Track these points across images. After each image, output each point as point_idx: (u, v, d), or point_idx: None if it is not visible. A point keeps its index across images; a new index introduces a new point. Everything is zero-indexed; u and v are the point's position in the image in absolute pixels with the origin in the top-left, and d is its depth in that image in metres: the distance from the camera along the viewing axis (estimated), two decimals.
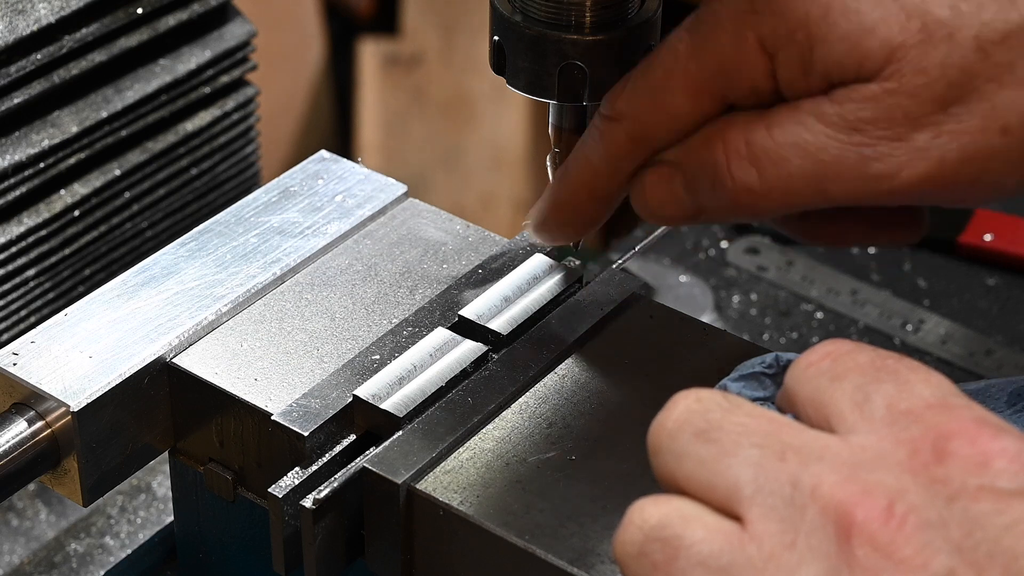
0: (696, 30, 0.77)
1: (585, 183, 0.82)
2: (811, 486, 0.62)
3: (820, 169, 0.75)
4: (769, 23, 0.75)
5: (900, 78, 0.73)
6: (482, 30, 1.53)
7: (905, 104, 0.73)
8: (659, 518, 0.64)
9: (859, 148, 0.74)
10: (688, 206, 0.79)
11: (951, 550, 0.60)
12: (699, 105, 0.77)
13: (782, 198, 0.76)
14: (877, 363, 0.66)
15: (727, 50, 0.76)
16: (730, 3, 0.76)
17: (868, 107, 0.74)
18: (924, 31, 0.73)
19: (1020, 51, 0.72)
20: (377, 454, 0.80)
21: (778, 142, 0.75)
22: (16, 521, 1.09)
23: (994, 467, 0.61)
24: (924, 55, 0.73)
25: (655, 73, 0.78)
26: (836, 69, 0.74)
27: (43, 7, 1.03)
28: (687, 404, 0.66)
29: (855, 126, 0.74)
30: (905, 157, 0.74)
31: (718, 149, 0.77)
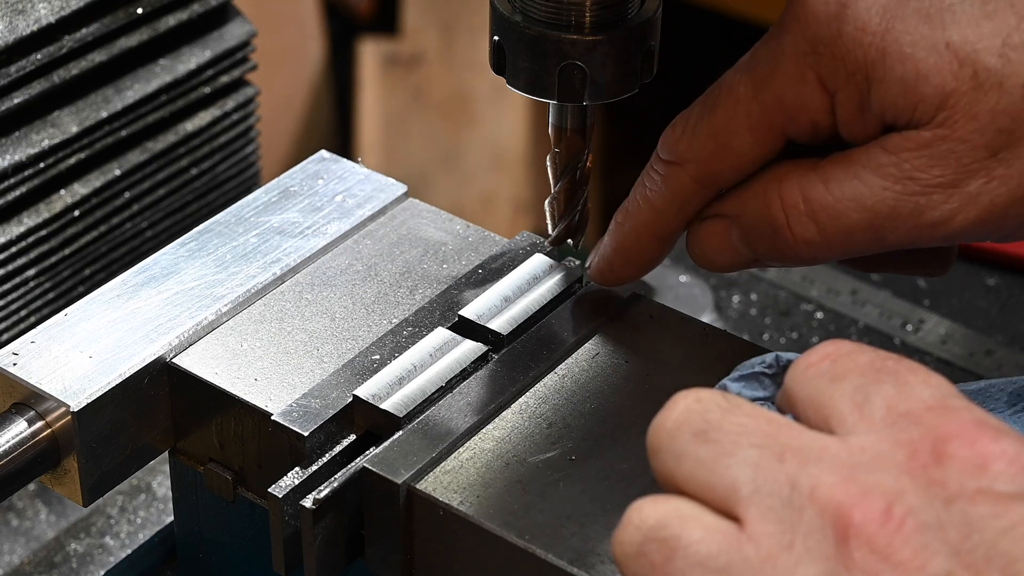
0: (755, 70, 0.79)
1: (649, 225, 0.84)
2: (809, 487, 0.62)
3: (877, 220, 0.77)
4: (829, 64, 0.77)
5: (952, 124, 0.75)
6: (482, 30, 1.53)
7: (957, 150, 0.76)
8: (657, 518, 0.64)
9: (915, 198, 0.76)
10: (746, 256, 0.82)
11: (949, 552, 0.60)
12: (762, 144, 0.80)
13: (841, 248, 0.79)
14: (877, 364, 0.66)
15: (790, 89, 0.78)
16: (790, 44, 0.78)
17: (922, 155, 0.76)
18: (975, 79, 0.75)
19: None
20: (377, 454, 0.80)
21: (836, 196, 0.78)
22: (16, 521, 1.09)
23: (993, 470, 0.61)
24: (975, 102, 0.75)
25: (716, 115, 0.80)
26: (891, 111, 0.76)
27: (43, 7, 1.03)
28: (687, 404, 0.66)
29: (910, 175, 0.76)
30: (958, 204, 0.76)
31: (775, 205, 0.79)
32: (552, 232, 0.92)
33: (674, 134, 0.82)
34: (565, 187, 0.90)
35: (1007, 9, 0.75)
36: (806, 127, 0.79)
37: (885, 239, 0.78)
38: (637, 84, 0.86)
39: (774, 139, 0.80)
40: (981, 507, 0.60)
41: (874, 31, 0.76)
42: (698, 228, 0.83)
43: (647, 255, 0.86)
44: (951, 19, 0.76)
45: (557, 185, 0.90)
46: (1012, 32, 0.75)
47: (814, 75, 0.78)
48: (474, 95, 2.80)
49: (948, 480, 0.61)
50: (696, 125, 0.81)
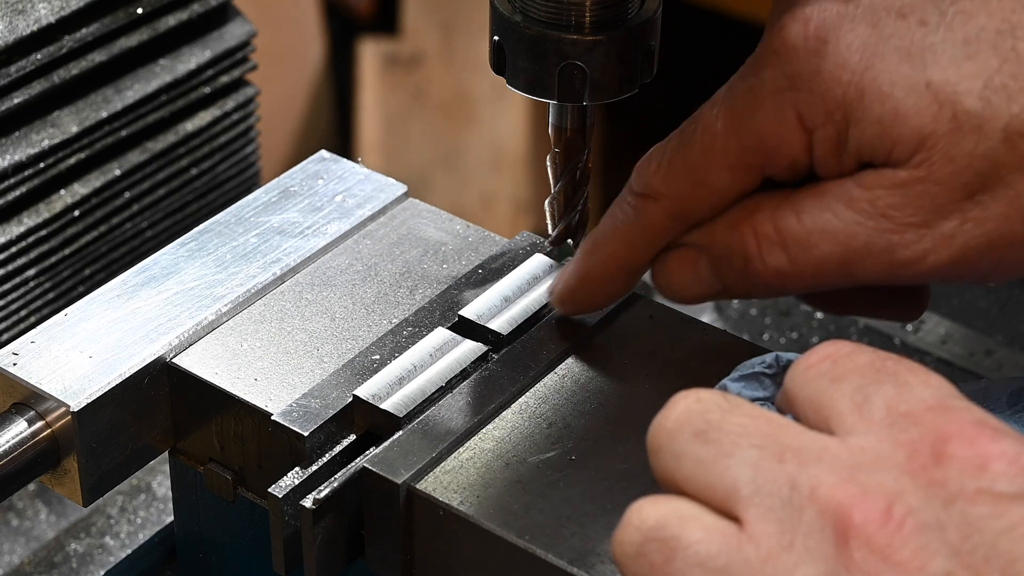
0: (733, 107, 0.78)
1: (617, 257, 0.83)
2: (809, 487, 0.62)
3: (848, 254, 0.76)
4: (808, 101, 0.76)
5: (929, 166, 0.74)
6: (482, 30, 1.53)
7: (933, 192, 0.74)
8: (657, 518, 0.64)
9: (887, 235, 0.75)
10: (714, 287, 0.81)
11: (949, 553, 0.60)
12: (739, 180, 0.78)
13: (811, 280, 0.78)
14: (877, 365, 0.66)
15: (768, 126, 0.77)
16: (769, 80, 0.77)
17: (897, 193, 0.75)
18: (954, 121, 0.74)
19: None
20: (377, 454, 0.80)
21: (808, 228, 0.77)
22: (16, 521, 1.09)
23: (992, 470, 0.61)
24: (953, 144, 0.74)
25: (693, 151, 0.79)
26: (868, 151, 0.75)
27: (43, 7, 1.03)
28: (687, 404, 0.66)
29: (883, 212, 0.75)
30: (931, 244, 0.75)
31: (747, 235, 0.78)
32: (552, 232, 0.91)
33: (649, 167, 0.80)
34: (565, 187, 0.90)
35: (989, 50, 0.74)
36: (784, 164, 0.78)
37: (856, 274, 0.77)
38: (637, 84, 0.86)
39: (752, 175, 0.78)
40: (981, 507, 0.60)
41: (854, 69, 0.75)
42: (666, 258, 0.82)
43: (613, 286, 0.84)
44: (932, 58, 0.74)
45: (557, 185, 0.90)
46: (993, 74, 0.74)
47: (793, 112, 0.76)
48: (474, 95, 2.80)
49: (948, 480, 0.61)
50: (672, 160, 0.80)
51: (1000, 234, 0.75)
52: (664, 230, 0.81)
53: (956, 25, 0.75)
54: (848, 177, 0.76)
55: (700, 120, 0.79)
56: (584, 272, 0.84)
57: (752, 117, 0.77)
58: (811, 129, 0.76)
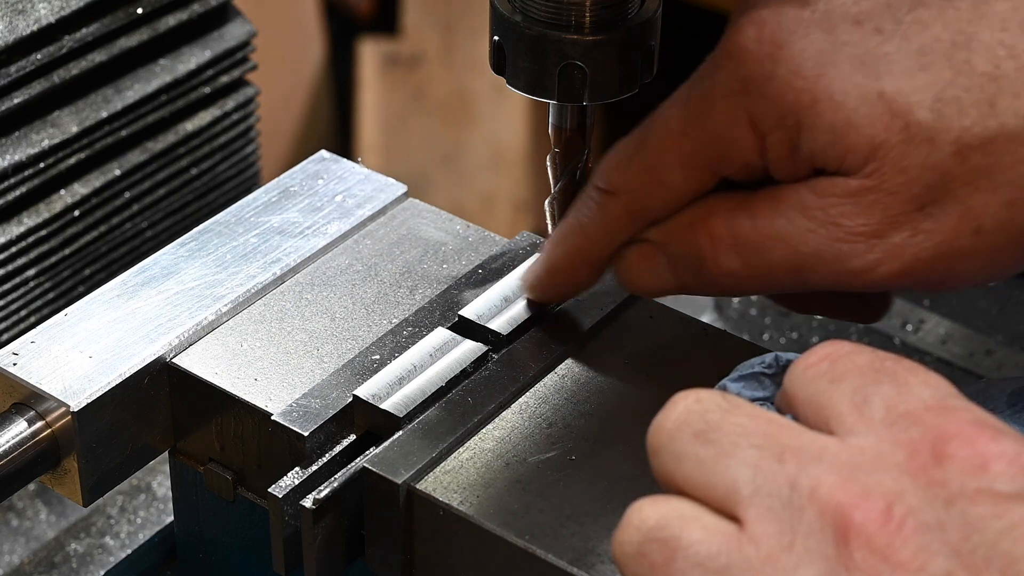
0: (688, 108, 0.78)
1: (580, 250, 0.84)
2: (809, 487, 0.62)
3: (799, 260, 0.77)
4: (760, 105, 0.76)
5: (880, 176, 0.74)
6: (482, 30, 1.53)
7: (884, 202, 0.75)
8: (657, 519, 0.64)
9: (838, 243, 0.76)
10: (670, 283, 0.81)
11: (949, 553, 0.60)
12: (694, 180, 0.79)
13: (763, 283, 0.79)
14: (876, 365, 0.66)
15: (720, 128, 0.77)
16: (722, 82, 0.77)
17: (848, 203, 0.75)
18: (906, 132, 0.74)
19: (997, 157, 0.73)
20: (377, 454, 0.80)
21: (761, 232, 0.77)
22: (16, 521, 1.09)
23: (992, 470, 0.61)
24: (905, 155, 0.74)
25: (649, 149, 0.79)
26: (820, 158, 0.75)
27: (43, 7, 1.03)
28: (686, 404, 0.66)
29: (834, 220, 0.75)
30: (881, 254, 0.75)
31: (703, 236, 0.79)
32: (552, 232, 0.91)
33: (610, 163, 0.81)
34: (565, 187, 0.89)
35: (943, 62, 0.74)
36: (738, 166, 0.78)
37: (807, 280, 0.77)
38: (637, 84, 0.86)
39: (706, 175, 0.79)
40: (981, 507, 0.60)
41: (807, 75, 0.75)
42: (626, 252, 0.82)
43: (578, 277, 0.85)
44: (886, 68, 0.74)
45: (557, 185, 0.90)
46: (947, 86, 0.74)
47: (745, 116, 0.76)
48: (474, 95, 2.80)
49: (948, 480, 0.61)
50: (630, 157, 0.80)
51: (949, 246, 0.75)
52: (623, 225, 0.82)
53: (911, 35, 0.74)
54: (802, 183, 0.76)
55: (657, 118, 0.80)
56: (550, 263, 0.86)
57: (705, 118, 0.77)
58: (763, 133, 0.76)
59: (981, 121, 0.73)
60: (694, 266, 0.80)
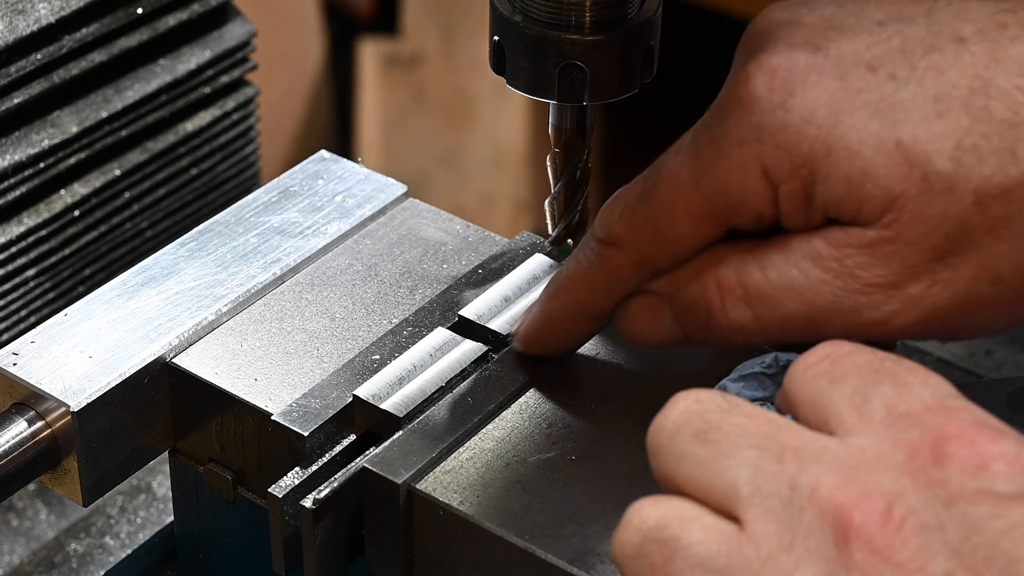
0: (697, 157, 0.75)
1: (579, 302, 0.81)
2: (809, 488, 0.62)
3: (813, 313, 0.74)
4: (774, 154, 0.73)
5: (899, 227, 0.72)
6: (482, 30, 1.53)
7: (902, 253, 0.73)
8: (657, 519, 0.64)
9: (854, 295, 0.74)
10: (675, 335, 0.79)
11: (949, 553, 0.60)
12: (703, 231, 0.76)
13: (776, 336, 0.76)
14: (876, 365, 0.66)
15: (732, 179, 0.74)
16: (733, 131, 0.74)
17: (865, 253, 0.73)
18: (925, 181, 0.72)
19: (1018, 205, 0.71)
20: (377, 454, 0.80)
21: (773, 284, 0.75)
22: (16, 521, 1.09)
23: (992, 470, 0.61)
24: (924, 205, 0.72)
25: (656, 200, 0.77)
26: (835, 208, 0.73)
27: (43, 7, 1.03)
28: (686, 405, 0.66)
29: (850, 272, 0.73)
30: (899, 305, 0.73)
31: (711, 287, 0.76)
32: (552, 232, 0.92)
33: (613, 214, 0.78)
34: (565, 187, 0.90)
35: (960, 109, 0.72)
36: (749, 217, 0.75)
37: (822, 332, 0.74)
38: (637, 84, 0.86)
39: (716, 226, 0.76)
40: (981, 508, 0.60)
41: (820, 123, 0.73)
42: (629, 304, 0.80)
43: (577, 330, 0.83)
44: (902, 116, 0.72)
45: (557, 185, 0.90)
46: (965, 134, 0.71)
47: (758, 166, 0.74)
48: (474, 95, 2.80)
49: (948, 481, 0.61)
50: (635, 208, 0.77)
51: (968, 295, 0.73)
52: (627, 277, 0.79)
53: (927, 81, 0.72)
54: (815, 232, 0.74)
55: (663, 168, 0.77)
56: (547, 316, 0.83)
57: (716, 168, 0.75)
58: (776, 184, 0.74)
59: (1002, 169, 0.71)
60: (702, 318, 0.77)
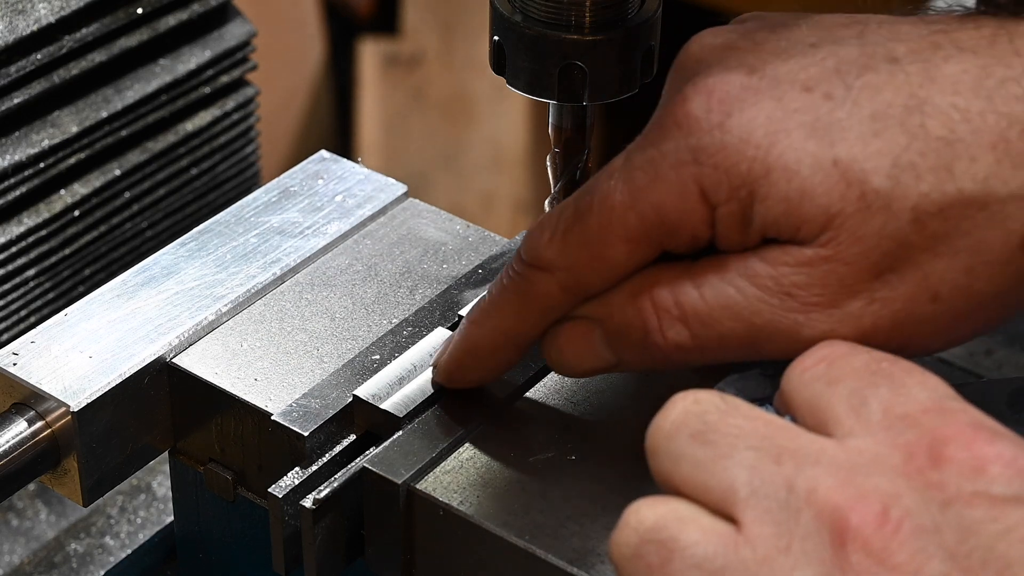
0: (633, 179, 0.74)
1: (505, 330, 0.79)
2: (806, 489, 0.62)
3: (752, 332, 0.73)
4: (712, 176, 0.72)
5: (836, 246, 0.72)
6: (482, 30, 1.53)
7: (840, 271, 0.72)
8: (655, 520, 0.64)
9: (792, 314, 0.72)
10: (608, 361, 0.77)
11: (945, 556, 0.60)
12: (638, 254, 0.75)
13: (715, 355, 0.75)
14: (873, 367, 0.66)
15: (669, 201, 0.73)
16: (671, 154, 0.73)
17: (802, 272, 0.72)
18: (863, 200, 0.71)
19: (955, 223, 0.71)
20: (377, 454, 0.80)
21: (710, 303, 0.74)
22: (16, 521, 1.09)
23: (989, 473, 0.61)
24: (861, 224, 0.71)
25: (589, 224, 0.75)
26: (773, 228, 0.72)
27: (43, 7, 1.03)
28: (685, 405, 0.66)
29: (788, 291, 0.72)
30: (837, 324, 0.72)
31: (647, 309, 0.75)
32: None
33: (541, 238, 0.76)
34: (565, 187, 0.90)
35: (896, 127, 0.71)
36: (685, 239, 0.74)
37: (761, 351, 0.74)
38: (637, 84, 0.86)
39: (650, 249, 0.75)
40: (978, 510, 0.60)
41: (758, 144, 0.72)
42: (557, 331, 0.77)
43: (501, 359, 0.80)
44: (839, 135, 0.71)
45: (557, 185, 0.90)
46: (902, 152, 0.70)
47: (696, 187, 0.72)
48: (474, 95, 2.80)
49: (945, 483, 0.61)
50: (567, 231, 0.75)
51: (907, 314, 0.72)
52: (556, 303, 0.77)
53: (863, 100, 0.72)
54: (752, 252, 0.73)
55: (597, 191, 0.75)
56: (470, 345, 0.81)
57: (652, 190, 0.73)
58: (714, 205, 0.73)
59: (939, 187, 0.71)
60: (638, 341, 0.75)
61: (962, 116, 0.71)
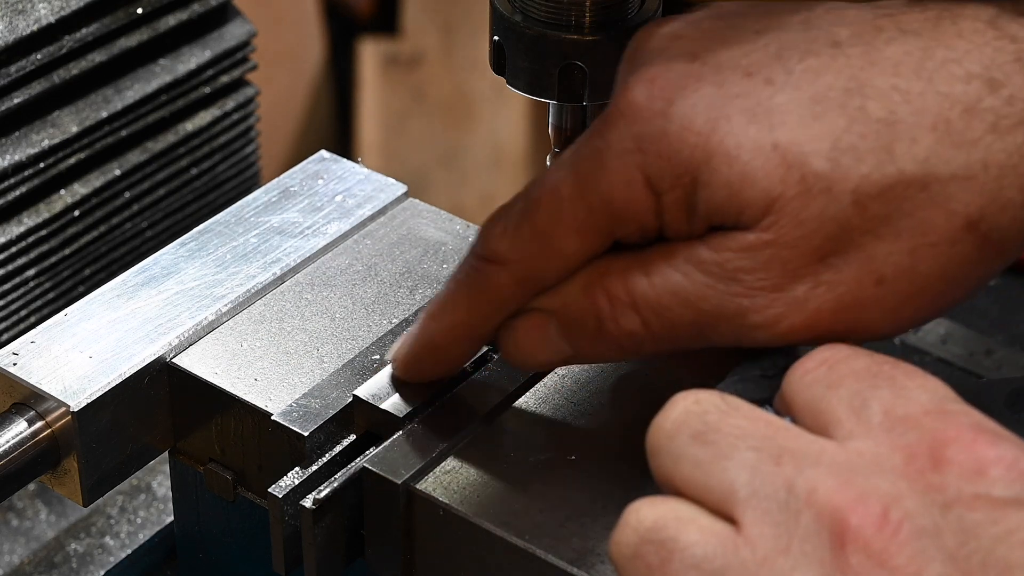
0: (579, 170, 0.74)
1: (461, 324, 0.79)
2: (806, 490, 0.62)
3: (700, 317, 0.74)
4: (655, 163, 0.73)
5: (778, 229, 0.72)
6: (482, 30, 1.53)
7: (783, 255, 0.72)
8: (654, 520, 0.64)
9: (738, 298, 0.73)
10: (564, 352, 0.77)
11: (945, 559, 0.60)
12: (588, 244, 0.75)
13: (667, 342, 0.75)
14: (874, 369, 0.66)
15: (615, 190, 0.74)
16: (615, 141, 0.73)
17: (745, 257, 0.73)
18: (803, 183, 0.71)
19: (896, 204, 0.71)
20: (377, 454, 0.80)
21: (658, 290, 0.74)
22: (16, 521, 1.09)
23: (990, 475, 0.61)
24: (803, 207, 0.71)
25: (539, 216, 0.75)
26: (717, 214, 0.73)
27: (43, 7, 1.03)
28: (685, 406, 0.66)
29: (732, 276, 0.73)
30: (783, 308, 0.73)
31: (600, 298, 0.75)
32: None
33: (493, 231, 0.77)
34: None
35: (837, 110, 0.71)
36: (633, 228, 0.74)
37: (709, 337, 0.75)
38: None
39: (600, 239, 0.75)
40: (978, 513, 0.60)
41: (699, 130, 0.72)
42: (513, 325, 0.78)
43: (458, 353, 0.81)
44: (779, 119, 0.72)
45: None
46: (842, 134, 0.71)
47: (640, 176, 0.73)
48: (474, 95, 2.80)
49: (946, 485, 0.61)
50: (518, 225, 0.76)
51: (853, 297, 0.72)
52: (511, 296, 0.77)
53: (803, 83, 0.72)
54: (698, 239, 0.74)
55: (545, 183, 0.76)
56: (427, 339, 0.81)
57: (599, 180, 0.74)
58: (659, 193, 0.73)
59: (879, 168, 0.71)
60: (592, 331, 0.76)
61: (903, 97, 0.71)
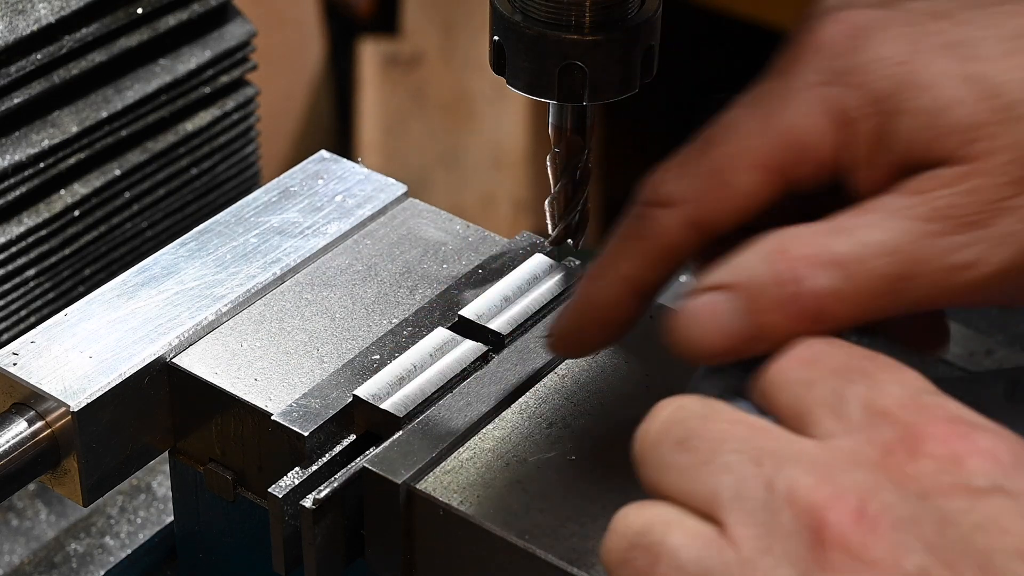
0: (761, 104, 0.73)
1: (626, 278, 0.74)
2: (786, 490, 0.62)
3: (901, 267, 0.70)
4: (845, 96, 0.72)
5: (979, 158, 0.71)
6: (482, 30, 1.53)
7: (985, 186, 0.71)
8: (641, 524, 0.64)
9: (937, 239, 0.70)
10: (743, 333, 0.70)
11: (924, 549, 0.60)
12: (764, 184, 0.73)
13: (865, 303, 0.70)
14: (849, 364, 0.66)
15: (801, 122, 0.72)
16: (802, 76, 0.73)
17: (945, 193, 0.71)
18: (1004, 110, 0.71)
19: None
20: (377, 454, 0.80)
21: (857, 242, 0.70)
22: (16, 521, 1.09)
23: (967, 465, 0.61)
24: (1002, 133, 0.71)
25: (717, 151, 0.73)
26: (915, 144, 0.71)
27: (43, 7, 1.03)
28: (668, 413, 0.66)
29: (932, 216, 0.70)
30: (987, 245, 0.70)
31: (786, 261, 0.69)
32: (552, 232, 0.92)
33: (663, 176, 0.74)
34: (565, 187, 0.90)
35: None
36: (811, 167, 0.73)
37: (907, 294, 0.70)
38: (637, 84, 0.86)
39: (777, 180, 0.73)
40: (956, 502, 0.60)
41: (895, 60, 0.72)
42: (693, 305, 0.71)
43: (625, 313, 0.75)
44: (974, 52, 0.72)
45: (557, 185, 0.90)
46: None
47: (829, 107, 0.72)
48: (474, 95, 2.80)
49: (923, 476, 0.61)
50: (691, 163, 0.74)
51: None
52: (681, 242, 0.73)
53: (997, 23, 0.73)
54: (892, 190, 0.71)
55: (725, 121, 0.74)
56: (589, 302, 0.76)
57: (783, 113, 0.73)
58: (851, 122, 0.72)
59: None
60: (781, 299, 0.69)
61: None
